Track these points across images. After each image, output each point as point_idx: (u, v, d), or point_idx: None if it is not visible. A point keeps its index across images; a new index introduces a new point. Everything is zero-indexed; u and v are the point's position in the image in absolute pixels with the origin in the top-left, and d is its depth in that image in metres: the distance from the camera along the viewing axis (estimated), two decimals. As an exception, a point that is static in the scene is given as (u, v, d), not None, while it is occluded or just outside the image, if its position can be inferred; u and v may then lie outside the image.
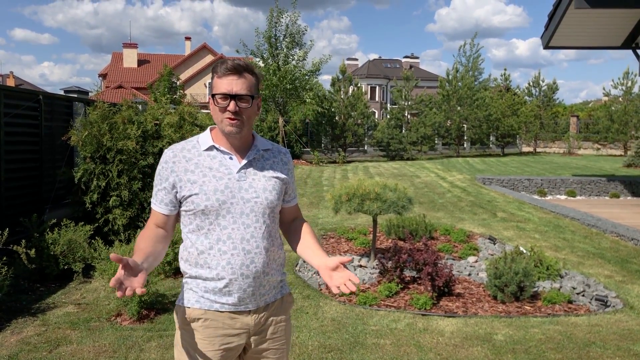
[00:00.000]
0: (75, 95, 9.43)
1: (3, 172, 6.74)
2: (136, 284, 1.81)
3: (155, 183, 2.13)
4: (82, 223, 6.33)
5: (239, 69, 2.03)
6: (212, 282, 2.04)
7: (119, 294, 1.74)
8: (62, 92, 10.20)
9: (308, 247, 2.23)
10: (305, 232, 2.27)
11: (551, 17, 13.29)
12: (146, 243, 2.03)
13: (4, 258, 5.11)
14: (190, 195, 2.04)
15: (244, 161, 2.10)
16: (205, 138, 2.14)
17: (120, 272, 1.78)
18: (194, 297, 2.08)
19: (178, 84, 37.71)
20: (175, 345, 2.16)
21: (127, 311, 4.85)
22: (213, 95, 2.04)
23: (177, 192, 2.07)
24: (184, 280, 2.15)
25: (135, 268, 1.83)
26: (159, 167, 2.12)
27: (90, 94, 8.68)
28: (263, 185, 2.10)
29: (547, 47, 13.92)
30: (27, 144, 7.51)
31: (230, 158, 2.10)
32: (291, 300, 2.29)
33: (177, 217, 2.15)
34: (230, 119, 2.02)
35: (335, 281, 2.01)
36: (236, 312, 2.07)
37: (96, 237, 6.10)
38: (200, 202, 2.02)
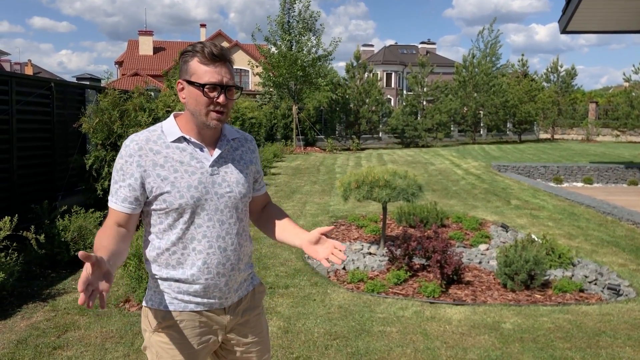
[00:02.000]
0: (88, 83, 9.47)
1: (15, 159, 6.80)
2: (104, 287, 1.59)
3: (116, 179, 1.91)
4: (92, 210, 6.37)
5: (226, 56, 1.88)
6: (187, 283, 1.93)
7: (83, 299, 1.48)
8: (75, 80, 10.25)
9: (285, 229, 2.15)
10: (280, 217, 2.19)
11: (569, 1, 13.02)
12: (109, 241, 1.80)
13: (14, 244, 5.15)
14: (161, 194, 1.87)
15: (216, 153, 1.95)
16: (170, 127, 1.94)
17: (88, 271, 1.52)
18: (167, 298, 1.95)
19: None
20: (148, 349, 2.00)
21: (135, 297, 4.88)
22: (201, 85, 1.84)
23: (144, 190, 1.88)
24: (151, 280, 2.01)
25: (103, 267, 1.60)
26: (119, 161, 1.90)
27: (102, 81, 8.70)
28: (236, 178, 1.99)
29: (564, 31, 13.66)
30: (39, 131, 7.57)
31: (202, 150, 1.94)
32: (263, 290, 2.21)
33: (140, 214, 1.96)
34: (218, 112, 1.87)
35: (321, 254, 1.96)
36: (211, 311, 1.99)
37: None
38: (174, 201, 1.86)
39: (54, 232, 5.97)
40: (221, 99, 1.85)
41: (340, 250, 1.94)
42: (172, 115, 1.99)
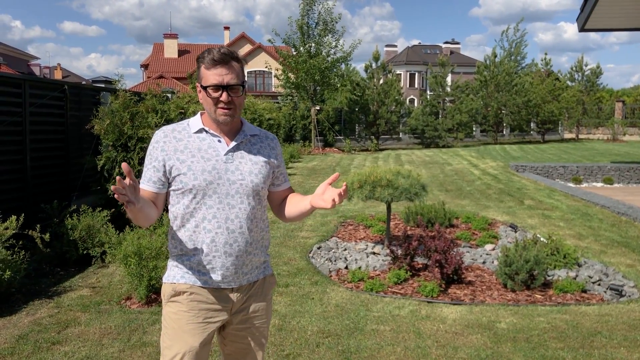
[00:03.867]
0: (102, 85, 9.67)
1: (29, 160, 6.98)
2: (133, 198, 1.86)
3: (146, 163, 2.20)
4: (99, 209, 6.51)
5: (225, 59, 2.09)
6: (197, 259, 2.13)
7: (117, 193, 1.79)
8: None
9: (296, 201, 2.31)
10: (292, 195, 2.37)
11: (586, -2, 12.83)
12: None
13: (20, 242, 5.30)
14: (178, 174, 2.12)
15: (232, 144, 2.18)
16: (195, 121, 2.22)
17: (127, 180, 1.83)
18: (180, 272, 2.18)
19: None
20: (162, 322, 2.24)
21: (137, 295, 4.99)
22: (205, 88, 2.10)
23: (165, 171, 2.14)
24: (169, 259, 2.25)
25: (137, 192, 1.90)
26: (149, 147, 2.19)
27: (120, 84, 8.86)
28: (249, 168, 2.18)
29: (582, 29, 13.46)
30: (53, 132, 7.75)
31: (219, 141, 2.17)
32: (273, 282, 2.37)
33: (166, 196, 2.21)
34: (223, 109, 2.10)
35: (327, 198, 2.06)
36: (219, 289, 2.16)
37: (118, 223, 6.29)
38: (188, 182, 2.10)
39: (63, 231, 6.12)
40: (223, 97, 2.08)
41: (341, 194, 2.01)
42: (199, 113, 2.26)
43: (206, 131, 2.18)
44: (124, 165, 1.79)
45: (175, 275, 2.19)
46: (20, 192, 6.85)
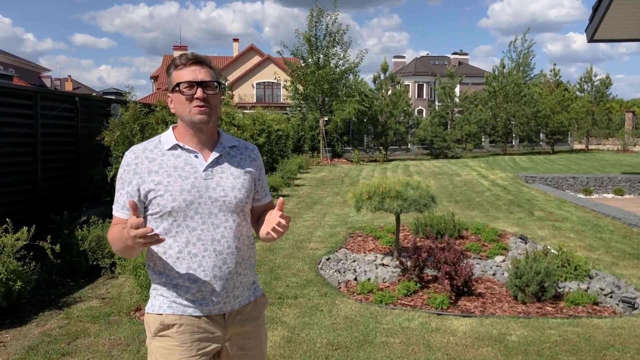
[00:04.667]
0: (113, 97, 9.75)
1: (40, 171, 7.04)
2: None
3: (117, 188, 2.05)
4: (109, 220, 6.53)
5: (199, 59, 2.01)
6: (184, 287, 1.97)
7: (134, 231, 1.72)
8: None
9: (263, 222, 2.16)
10: (270, 213, 2.15)
11: (595, 9, 12.82)
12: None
13: (31, 253, 5.33)
14: (155, 197, 1.96)
15: (210, 159, 2.03)
16: (167, 137, 2.06)
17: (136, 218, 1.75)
18: (165, 302, 2.01)
19: (226, 84, 38.42)
20: (148, 356, 2.07)
21: (146, 306, 4.99)
22: (177, 85, 1.98)
23: (140, 195, 1.98)
24: (152, 288, 2.08)
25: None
26: (120, 171, 2.04)
27: (130, 96, 8.95)
28: (231, 183, 2.04)
29: (591, 40, 13.43)
30: (64, 144, 7.81)
31: (196, 156, 2.03)
32: (265, 302, 2.24)
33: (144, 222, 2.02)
34: (199, 106, 1.96)
35: (271, 228, 1.97)
36: (210, 316, 2.01)
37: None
38: (167, 204, 1.95)
39: (73, 242, 6.15)
40: (198, 93, 1.96)
41: (278, 224, 1.94)
42: (170, 127, 2.11)
43: (181, 147, 2.02)
44: (130, 202, 1.74)
45: (161, 305, 2.01)
46: (30, 203, 6.89)
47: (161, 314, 2.00)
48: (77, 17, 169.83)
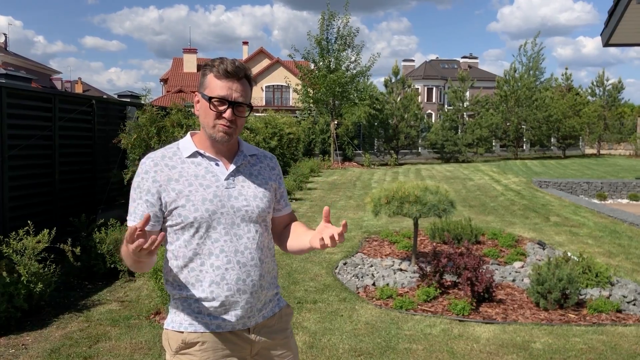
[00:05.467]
0: (128, 100, 9.77)
1: (58, 173, 7.06)
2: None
3: (133, 197, 1.92)
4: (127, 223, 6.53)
5: (239, 73, 1.88)
6: (207, 302, 1.88)
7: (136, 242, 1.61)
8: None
9: (298, 233, 2.06)
10: (296, 225, 2.12)
11: (611, 13, 12.71)
12: None
13: (52, 256, 5.33)
14: (176, 208, 1.87)
15: (232, 167, 1.95)
16: (186, 144, 1.97)
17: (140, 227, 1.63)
18: (187, 319, 1.91)
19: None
20: None
21: (166, 309, 4.98)
22: (210, 98, 1.87)
23: (162, 205, 1.88)
24: (171, 302, 1.98)
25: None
26: (136, 180, 1.92)
27: (147, 98, 8.98)
28: (253, 192, 1.96)
29: (607, 44, 13.33)
30: (80, 147, 7.84)
31: (217, 164, 1.94)
32: (290, 312, 2.14)
33: (160, 231, 1.94)
34: (224, 125, 1.88)
35: (325, 237, 1.79)
36: (235, 332, 1.92)
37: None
38: (188, 214, 1.85)
39: (91, 244, 6.15)
40: (227, 113, 1.86)
41: (336, 235, 1.77)
42: (188, 134, 2.01)
43: (201, 154, 1.93)
44: (146, 215, 1.63)
45: (182, 322, 1.92)
46: (48, 206, 6.92)
47: (182, 332, 1.91)
48: (87, 19, 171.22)
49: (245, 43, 57.38)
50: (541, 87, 30.66)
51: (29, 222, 5.24)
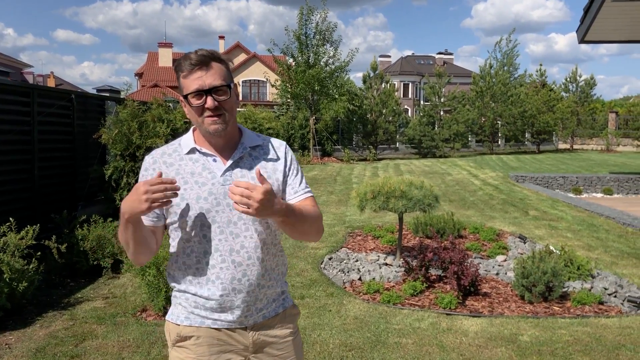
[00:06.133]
0: (108, 94, 9.62)
1: (37, 169, 6.92)
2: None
3: None
4: (111, 219, 6.45)
5: (205, 60, 1.80)
6: (203, 299, 1.87)
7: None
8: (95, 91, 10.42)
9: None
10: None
11: (587, 10, 12.93)
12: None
13: (38, 253, 5.22)
14: (172, 206, 1.84)
15: (229, 162, 1.88)
16: (187, 140, 1.94)
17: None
18: (184, 313, 1.92)
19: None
20: None
21: (153, 306, 4.92)
22: (185, 97, 1.82)
23: None
24: (172, 293, 1.98)
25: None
26: (139, 176, 1.95)
27: (122, 93, 8.85)
28: None
29: (582, 41, 13.56)
30: (60, 142, 7.70)
31: (214, 160, 1.89)
32: (296, 312, 2.09)
33: (164, 229, 1.95)
34: (211, 117, 1.81)
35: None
36: (231, 329, 1.90)
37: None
38: (183, 213, 1.84)
39: (73, 241, 6.05)
40: (208, 102, 1.79)
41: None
42: (191, 129, 1.97)
43: (198, 150, 1.90)
44: (158, 173, 1.72)
45: (179, 315, 1.93)
46: (28, 202, 6.78)
47: (179, 325, 1.92)
48: (59, 12, 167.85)
49: (222, 37, 56.97)
50: (515, 83, 31.04)
51: (10, 218, 5.12)
